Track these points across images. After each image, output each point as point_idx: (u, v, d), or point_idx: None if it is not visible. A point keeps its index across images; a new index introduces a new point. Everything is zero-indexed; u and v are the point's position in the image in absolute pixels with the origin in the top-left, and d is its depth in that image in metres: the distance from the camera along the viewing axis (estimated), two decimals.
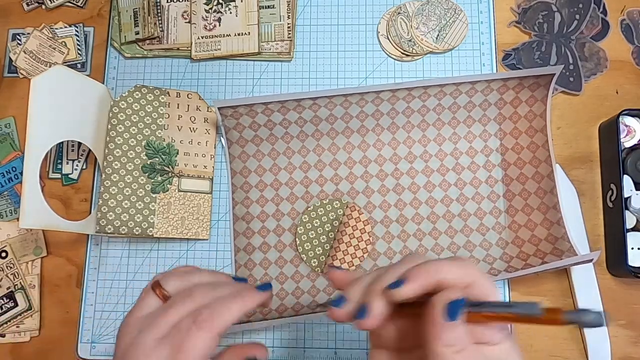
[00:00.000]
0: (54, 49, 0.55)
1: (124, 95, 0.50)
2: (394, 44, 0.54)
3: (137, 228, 0.49)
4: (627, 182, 0.49)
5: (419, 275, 0.27)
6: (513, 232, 0.50)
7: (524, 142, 0.51)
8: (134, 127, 0.50)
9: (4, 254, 0.52)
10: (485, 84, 0.49)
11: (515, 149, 0.51)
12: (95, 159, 0.52)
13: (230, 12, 0.55)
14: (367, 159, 0.52)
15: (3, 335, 0.51)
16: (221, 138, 0.54)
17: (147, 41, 0.55)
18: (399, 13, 0.55)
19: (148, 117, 0.51)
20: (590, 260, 0.45)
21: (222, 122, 0.50)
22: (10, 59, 0.56)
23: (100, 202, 0.48)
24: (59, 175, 0.54)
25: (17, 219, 0.52)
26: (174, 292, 0.33)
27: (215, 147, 0.53)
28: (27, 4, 0.57)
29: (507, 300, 0.50)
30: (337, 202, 0.51)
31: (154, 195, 0.50)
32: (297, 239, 0.50)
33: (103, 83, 0.55)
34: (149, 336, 0.30)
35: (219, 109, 0.48)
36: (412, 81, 0.48)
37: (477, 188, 0.51)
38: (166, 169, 0.51)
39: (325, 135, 0.51)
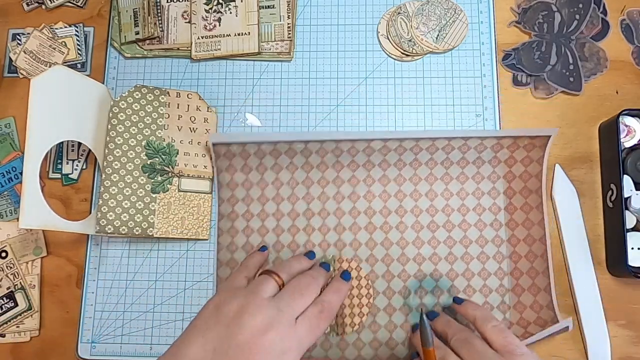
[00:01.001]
0: (54, 49, 0.55)
1: (124, 95, 0.50)
2: (394, 44, 0.54)
3: (137, 228, 0.49)
4: (627, 182, 0.49)
5: None
6: (499, 296, 0.49)
7: (517, 202, 0.50)
8: (134, 127, 0.50)
9: (4, 254, 0.52)
10: (478, 140, 0.49)
11: (509, 209, 0.50)
12: (95, 159, 0.52)
13: (230, 12, 0.55)
14: (356, 210, 0.50)
15: (3, 335, 0.51)
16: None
17: (147, 41, 0.55)
18: (399, 13, 0.55)
19: (148, 117, 0.51)
20: (566, 328, 0.45)
21: (215, 163, 0.50)
22: (10, 59, 0.56)
23: (100, 202, 0.48)
24: (59, 175, 0.54)
25: (17, 219, 0.52)
26: (286, 280, 0.42)
27: None
28: (27, 4, 0.57)
29: None
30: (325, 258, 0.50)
31: (154, 195, 0.50)
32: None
33: (103, 83, 0.55)
34: (289, 315, 0.39)
35: (213, 146, 0.49)
36: (405, 132, 0.48)
37: (467, 247, 0.50)
38: (166, 169, 0.51)
39: (316, 184, 0.51)
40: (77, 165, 0.54)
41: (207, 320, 0.39)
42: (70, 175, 0.54)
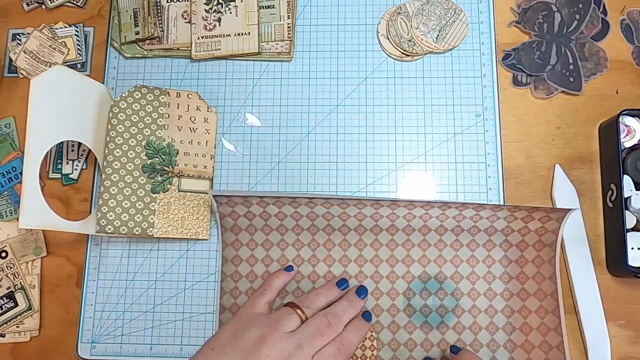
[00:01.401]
0: (54, 49, 0.55)
1: (124, 95, 0.51)
2: (394, 44, 0.54)
3: (137, 228, 0.49)
4: (627, 182, 0.49)
5: None
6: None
7: (529, 271, 0.49)
8: (134, 127, 0.50)
9: (4, 254, 0.52)
10: (491, 212, 0.47)
11: (520, 278, 0.49)
12: (95, 159, 0.52)
13: (230, 12, 0.55)
14: (363, 274, 0.50)
15: (3, 335, 0.51)
16: (222, 139, 0.54)
17: (147, 41, 0.55)
18: (399, 13, 0.55)
19: (148, 117, 0.51)
20: None
21: (217, 209, 0.50)
22: (10, 59, 0.56)
23: (100, 202, 0.48)
24: (59, 175, 0.54)
25: (17, 219, 0.52)
26: (310, 315, 0.42)
27: (215, 147, 0.53)
28: (27, 4, 0.57)
29: None
30: None
31: (154, 195, 0.50)
32: None
33: (103, 83, 0.55)
34: (307, 351, 0.39)
35: (214, 196, 0.48)
36: (414, 201, 0.47)
37: (476, 317, 0.48)
38: (166, 169, 0.51)
39: (322, 246, 0.50)
40: (77, 165, 0.54)
41: (224, 345, 0.40)
42: (70, 175, 0.54)
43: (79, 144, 0.53)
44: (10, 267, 0.51)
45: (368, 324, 0.45)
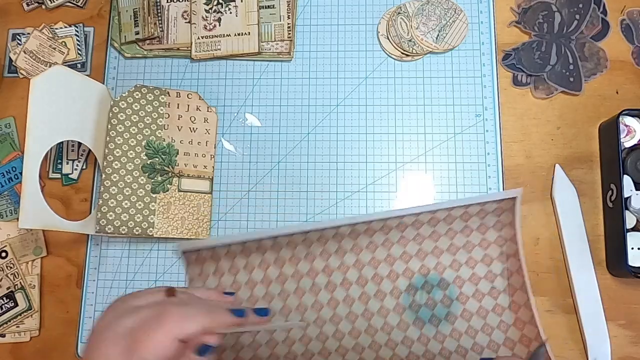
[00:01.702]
0: (54, 49, 0.55)
1: (124, 95, 0.50)
2: (394, 44, 0.54)
3: (137, 228, 0.49)
4: (627, 182, 0.49)
5: None
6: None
7: (496, 270, 0.46)
8: (134, 127, 0.50)
9: (4, 254, 0.52)
10: (446, 212, 0.44)
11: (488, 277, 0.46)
12: (95, 159, 0.52)
13: (230, 12, 0.55)
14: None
15: (3, 335, 0.51)
16: (222, 139, 0.54)
17: (147, 41, 0.55)
18: (399, 13, 0.55)
19: (148, 117, 0.51)
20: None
21: (187, 270, 0.43)
22: (10, 59, 0.56)
23: (100, 202, 0.48)
24: (59, 175, 0.54)
25: (17, 219, 0.52)
26: None
27: (215, 147, 0.53)
28: (27, 4, 0.57)
29: None
30: None
31: (154, 195, 0.50)
32: None
33: (103, 83, 0.55)
34: (124, 322, 0.32)
35: (183, 254, 0.41)
36: (371, 215, 0.43)
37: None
38: (166, 169, 0.51)
39: (293, 294, 0.46)
40: (77, 165, 0.54)
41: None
42: (70, 175, 0.54)
43: (79, 144, 0.53)
44: (10, 267, 0.51)
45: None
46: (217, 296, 0.39)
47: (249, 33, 0.54)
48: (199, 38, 0.54)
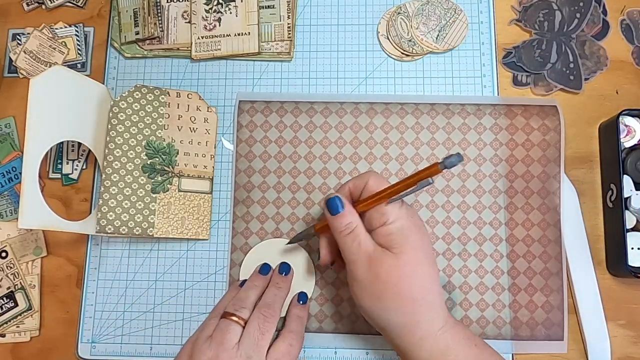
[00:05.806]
0: (54, 49, 0.55)
1: (124, 95, 0.51)
2: (394, 44, 0.54)
3: (137, 228, 0.49)
4: (627, 182, 0.49)
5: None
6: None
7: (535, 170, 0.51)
8: (134, 127, 0.50)
9: (4, 254, 0.52)
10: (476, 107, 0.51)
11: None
12: (95, 159, 0.52)
13: (230, 12, 0.55)
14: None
15: (3, 335, 0.51)
16: (222, 139, 0.54)
17: (147, 41, 0.55)
18: (399, 13, 0.55)
19: (148, 117, 0.51)
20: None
21: (237, 118, 0.52)
22: (10, 59, 0.56)
23: (100, 202, 0.48)
24: (59, 175, 0.54)
25: (17, 219, 0.52)
26: (247, 316, 0.43)
27: (215, 147, 0.53)
28: (27, 4, 0.57)
29: None
30: None
31: (154, 195, 0.50)
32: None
33: (103, 83, 0.55)
34: (258, 357, 0.41)
35: (239, 102, 0.51)
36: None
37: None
38: (166, 169, 0.51)
39: (333, 144, 0.52)
40: (77, 165, 0.54)
41: None
42: (70, 175, 0.54)
43: (79, 144, 0.53)
44: (10, 267, 0.51)
45: (306, 306, 0.48)
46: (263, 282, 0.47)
47: (249, 33, 0.54)
48: (199, 38, 0.54)
